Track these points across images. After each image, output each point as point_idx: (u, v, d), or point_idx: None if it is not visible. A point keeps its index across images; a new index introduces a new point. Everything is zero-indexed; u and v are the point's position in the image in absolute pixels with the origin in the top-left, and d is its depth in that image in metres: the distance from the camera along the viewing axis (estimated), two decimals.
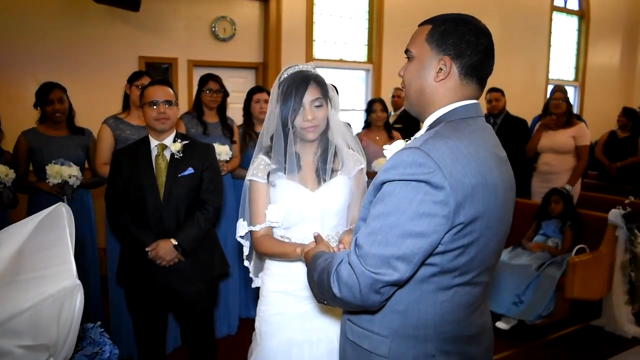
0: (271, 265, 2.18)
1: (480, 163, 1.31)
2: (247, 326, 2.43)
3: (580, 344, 4.00)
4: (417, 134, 1.44)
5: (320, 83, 2.04)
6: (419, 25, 1.47)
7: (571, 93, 9.79)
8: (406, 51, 1.48)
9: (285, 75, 2.07)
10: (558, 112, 4.91)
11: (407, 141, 1.46)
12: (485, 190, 1.31)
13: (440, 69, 1.38)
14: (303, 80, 2.01)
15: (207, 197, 2.77)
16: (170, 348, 3.56)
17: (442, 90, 1.40)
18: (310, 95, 2.00)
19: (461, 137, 1.33)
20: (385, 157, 1.48)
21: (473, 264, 1.35)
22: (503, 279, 4.15)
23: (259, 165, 2.11)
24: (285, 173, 2.08)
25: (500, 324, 4.10)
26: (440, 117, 1.41)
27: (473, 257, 1.34)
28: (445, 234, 1.26)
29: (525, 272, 4.11)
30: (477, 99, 1.45)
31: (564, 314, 4.30)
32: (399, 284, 1.30)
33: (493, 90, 5.48)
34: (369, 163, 4.02)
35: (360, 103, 7.58)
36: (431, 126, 1.42)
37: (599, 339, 4.08)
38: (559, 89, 5.04)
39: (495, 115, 5.38)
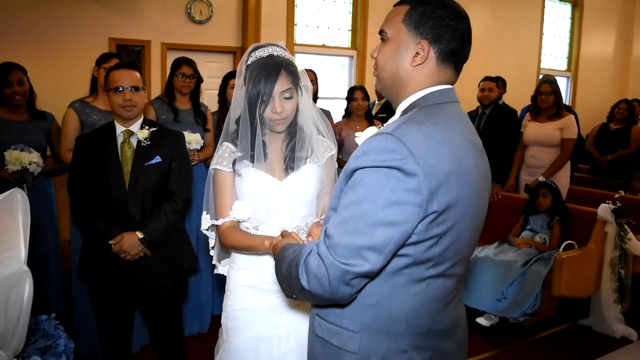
0: (237, 258, 2.10)
1: (455, 150, 1.29)
2: (219, 323, 2.42)
3: (568, 343, 3.95)
4: (391, 120, 1.40)
5: (291, 71, 1.95)
6: (394, 5, 1.43)
7: (563, 84, 9.66)
8: (380, 32, 1.43)
9: (254, 58, 1.95)
10: (545, 107, 4.80)
11: (379, 128, 1.42)
12: (460, 177, 1.28)
13: (417, 53, 1.35)
14: (274, 69, 1.91)
15: (175, 188, 2.69)
16: (137, 346, 3.42)
17: (418, 75, 1.37)
18: (281, 85, 1.91)
19: (435, 122, 1.29)
20: None
21: (446, 254, 1.33)
22: (487, 274, 4.05)
23: (224, 153, 2.03)
24: (252, 161, 1.99)
25: (481, 320, 3.97)
26: (414, 102, 1.38)
27: (447, 248, 1.31)
28: (418, 223, 1.23)
29: (511, 268, 4.00)
30: (453, 84, 1.42)
31: (550, 312, 4.23)
32: (370, 276, 1.27)
33: (488, 79, 5.29)
34: (349, 154, 3.88)
35: (343, 91, 7.36)
36: (405, 111, 1.38)
37: (586, 338, 4.02)
38: (546, 80, 4.89)
39: (485, 106, 5.21)
